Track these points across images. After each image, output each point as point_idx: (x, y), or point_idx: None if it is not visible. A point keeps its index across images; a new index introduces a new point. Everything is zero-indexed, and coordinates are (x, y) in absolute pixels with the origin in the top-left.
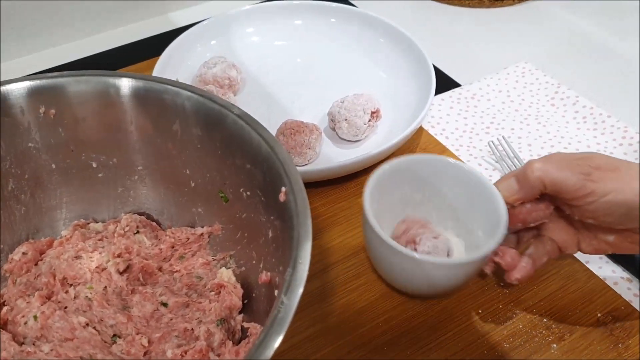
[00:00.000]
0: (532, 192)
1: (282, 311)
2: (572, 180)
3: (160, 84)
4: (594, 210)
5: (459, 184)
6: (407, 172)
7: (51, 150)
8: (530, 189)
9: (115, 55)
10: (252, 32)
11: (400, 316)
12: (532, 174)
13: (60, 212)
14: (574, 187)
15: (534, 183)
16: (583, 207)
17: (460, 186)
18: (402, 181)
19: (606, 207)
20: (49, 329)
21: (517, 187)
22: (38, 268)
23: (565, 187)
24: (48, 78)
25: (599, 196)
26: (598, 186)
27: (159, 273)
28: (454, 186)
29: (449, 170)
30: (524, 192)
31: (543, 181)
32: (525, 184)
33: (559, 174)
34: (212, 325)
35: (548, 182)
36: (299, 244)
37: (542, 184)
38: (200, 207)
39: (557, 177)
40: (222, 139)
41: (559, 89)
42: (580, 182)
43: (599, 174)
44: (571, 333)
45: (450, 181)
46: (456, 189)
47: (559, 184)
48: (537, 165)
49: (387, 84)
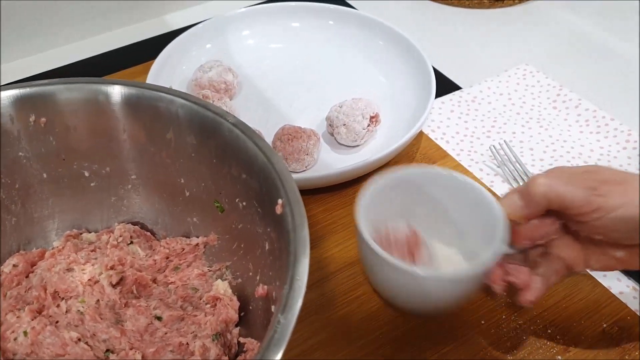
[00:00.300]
0: (537, 208)
1: (278, 331)
2: (578, 196)
3: (154, 92)
4: (602, 226)
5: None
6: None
7: (42, 159)
8: (535, 205)
9: (109, 58)
10: (248, 34)
11: (400, 328)
12: (537, 190)
13: (52, 222)
14: (580, 203)
15: (538, 199)
16: (590, 223)
17: (456, 197)
18: (397, 194)
19: (614, 222)
20: (39, 345)
21: (522, 204)
22: (29, 281)
23: (571, 203)
24: (38, 85)
25: (606, 211)
26: (605, 201)
27: (153, 285)
28: (450, 197)
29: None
30: (528, 208)
31: (548, 197)
32: (529, 200)
33: (564, 188)
34: (208, 340)
35: (553, 198)
36: (295, 260)
37: (546, 200)
38: (195, 217)
39: (562, 192)
40: (217, 148)
41: (560, 91)
42: (586, 197)
43: (605, 188)
44: (576, 344)
45: (445, 192)
46: (452, 200)
47: (564, 199)
48: (541, 180)
49: (386, 87)
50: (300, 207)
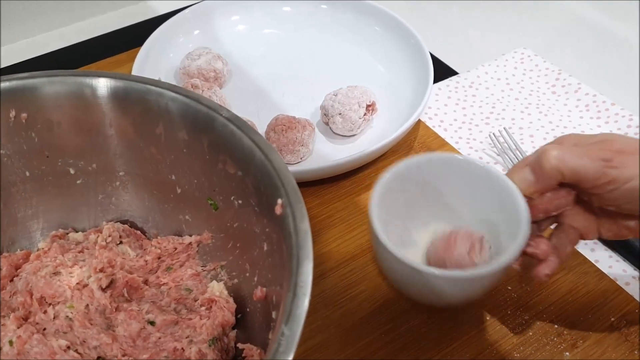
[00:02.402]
0: (550, 182)
1: (283, 344)
2: (593, 168)
3: (141, 84)
4: (616, 197)
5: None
6: (413, 175)
7: (24, 156)
8: (547, 179)
9: (91, 46)
10: (237, 20)
11: (403, 326)
12: (549, 164)
13: (36, 222)
14: (594, 176)
15: (551, 173)
16: (604, 195)
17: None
18: (407, 187)
19: (629, 194)
20: (26, 355)
21: (533, 179)
22: (13, 285)
23: (585, 176)
24: (18, 79)
25: (621, 183)
26: (620, 172)
27: (144, 287)
28: (465, 185)
29: (457, 167)
30: (541, 183)
31: (561, 171)
32: (541, 174)
33: (578, 161)
34: (204, 345)
35: (566, 172)
36: (298, 265)
37: (559, 174)
38: (187, 215)
39: (575, 165)
40: (210, 144)
41: (559, 75)
42: (601, 169)
43: (620, 159)
44: (584, 340)
45: (461, 180)
46: (468, 187)
47: (578, 172)
48: (554, 153)
49: (382, 74)
50: (301, 207)
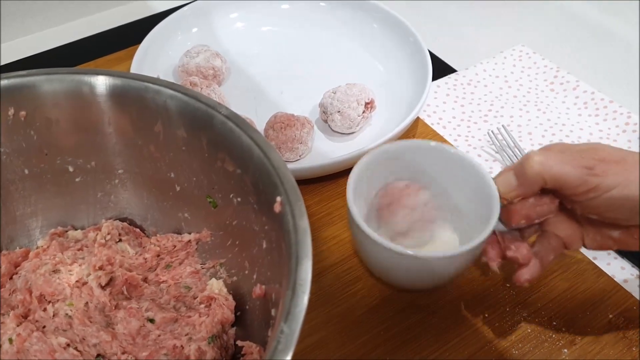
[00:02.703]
0: (532, 187)
1: (282, 342)
2: (574, 176)
3: (140, 82)
4: (597, 205)
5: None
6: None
7: (23, 154)
8: (529, 184)
9: (90, 44)
10: (236, 17)
11: (402, 323)
12: (531, 169)
13: (35, 220)
14: (576, 183)
15: (533, 179)
16: (585, 203)
17: (449, 171)
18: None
19: (610, 202)
20: (26, 353)
21: (516, 183)
22: (13, 283)
23: (567, 183)
24: (17, 77)
25: (602, 191)
26: (602, 180)
27: (144, 284)
28: (442, 171)
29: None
30: (523, 188)
31: (543, 176)
32: (524, 179)
33: (560, 168)
34: (204, 342)
35: (548, 178)
36: (297, 263)
37: (542, 180)
38: (186, 213)
39: (557, 171)
40: (209, 142)
41: (558, 73)
42: (582, 177)
43: (602, 167)
44: (582, 336)
45: (438, 166)
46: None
47: (560, 179)
48: (537, 158)
49: (380, 72)
50: (300, 205)
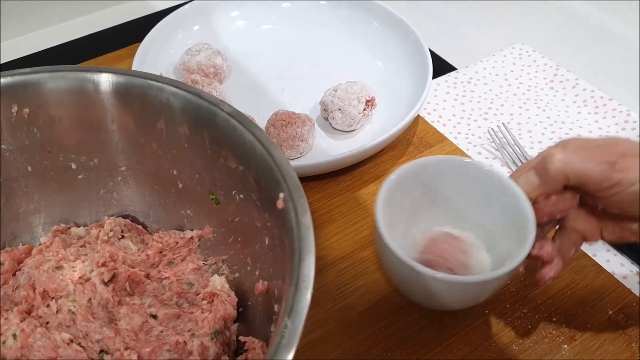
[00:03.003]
0: (555, 186)
1: (286, 336)
2: (597, 172)
3: (143, 79)
4: (620, 201)
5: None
6: (418, 176)
7: (26, 152)
8: (553, 182)
9: (91, 42)
10: (236, 15)
11: (402, 320)
12: (554, 167)
13: (38, 217)
14: (599, 179)
15: (556, 176)
16: (608, 198)
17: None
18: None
19: (633, 197)
20: (30, 348)
21: (538, 182)
22: (16, 279)
23: (590, 179)
24: (21, 74)
25: (625, 186)
26: (624, 176)
27: (146, 281)
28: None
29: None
30: (545, 186)
31: (566, 174)
32: (546, 177)
33: (583, 165)
34: (206, 338)
35: (571, 175)
36: (300, 259)
37: (564, 177)
38: (189, 209)
39: (580, 168)
40: (212, 139)
41: (557, 71)
42: (605, 172)
43: (624, 162)
44: (582, 333)
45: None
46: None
47: (582, 176)
48: (559, 156)
49: (381, 70)
50: (303, 202)
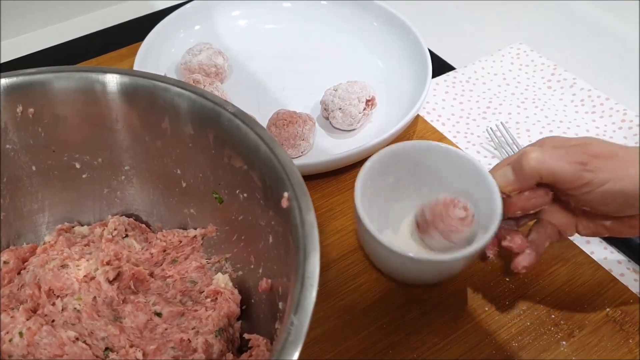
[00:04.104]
0: (528, 182)
1: (292, 333)
2: (569, 171)
3: (147, 79)
4: (591, 200)
5: (452, 171)
6: (399, 160)
7: (31, 151)
8: (526, 179)
9: (91, 41)
10: (238, 15)
11: (404, 317)
12: (528, 165)
13: (42, 216)
14: (570, 178)
15: (529, 174)
16: (579, 197)
17: (454, 173)
18: (394, 170)
19: (603, 196)
20: (36, 346)
21: (513, 178)
22: (21, 278)
23: (562, 178)
24: (26, 75)
25: (595, 186)
26: (595, 176)
27: (150, 279)
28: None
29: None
30: (520, 182)
31: (539, 172)
32: (521, 174)
33: (555, 164)
34: (211, 335)
35: (544, 173)
36: (305, 257)
37: (538, 175)
38: (192, 208)
39: (553, 167)
40: (216, 138)
41: (555, 70)
42: (576, 172)
43: (595, 163)
44: (580, 329)
45: (445, 168)
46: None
47: (555, 174)
48: (534, 155)
49: (381, 70)
50: (307, 200)
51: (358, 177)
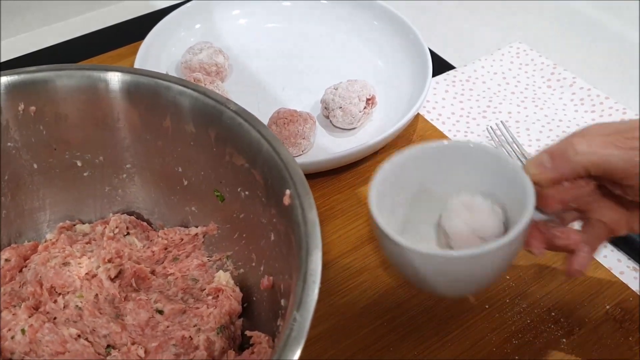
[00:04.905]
0: (569, 174)
1: (295, 329)
2: (622, 159)
3: (149, 78)
4: None
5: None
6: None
7: (32, 149)
8: (568, 170)
9: (91, 40)
10: (238, 14)
11: (404, 315)
12: (575, 157)
13: (43, 214)
14: (625, 166)
15: (574, 166)
16: (637, 186)
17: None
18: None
19: None
20: (38, 343)
21: (550, 165)
22: (22, 275)
23: (615, 167)
24: (27, 73)
25: None
26: None
27: (152, 277)
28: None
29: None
30: (558, 171)
31: (586, 165)
32: (562, 164)
33: (605, 152)
34: (212, 333)
35: (592, 166)
36: (308, 254)
37: (584, 169)
38: (193, 206)
39: (603, 157)
40: (218, 136)
41: (554, 70)
42: (632, 159)
43: None
44: (580, 327)
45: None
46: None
47: (606, 164)
48: (581, 147)
49: (381, 69)
50: (309, 198)
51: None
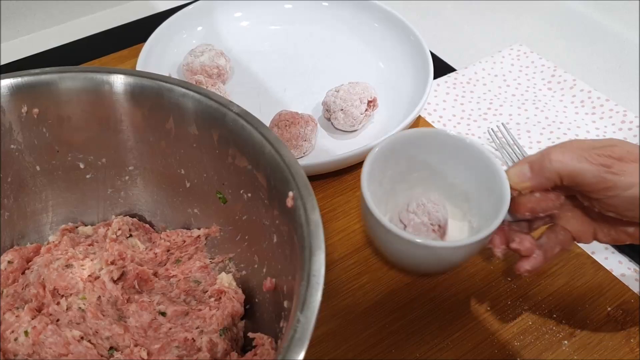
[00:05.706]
0: (546, 183)
1: (299, 330)
2: (592, 173)
3: (152, 80)
4: (615, 204)
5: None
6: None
7: (35, 151)
8: (544, 179)
9: (93, 43)
10: (240, 16)
11: (407, 316)
12: (550, 165)
13: (46, 216)
14: (593, 180)
15: (549, 175)
16: (603, 201)
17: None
18: (399, 159)
19: (628, 201)
20: (41, 345)
21: (530, 175)
22: (25, 277)
23: (584, 180)
24: (30, 75)
25: (620, 190)
26: (619, 179)
27: (154, 279)
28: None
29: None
30: (536, 181)
31: (560, 174)
32: (539, 173)
33: (578, 165)
34: (215, 335)
35: (565, 175)
36: (311, 255)
37: (558, 177)
38: (196, 208)
39: (575, 169)
40: (220, 138)
41: (555, 72)
42: (600, 175)
43: (620, 166)
44: (582, 329)
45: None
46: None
47: (577, 176)
48: (556, 156)
49: (382, 71)
50: (312, 199)
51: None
